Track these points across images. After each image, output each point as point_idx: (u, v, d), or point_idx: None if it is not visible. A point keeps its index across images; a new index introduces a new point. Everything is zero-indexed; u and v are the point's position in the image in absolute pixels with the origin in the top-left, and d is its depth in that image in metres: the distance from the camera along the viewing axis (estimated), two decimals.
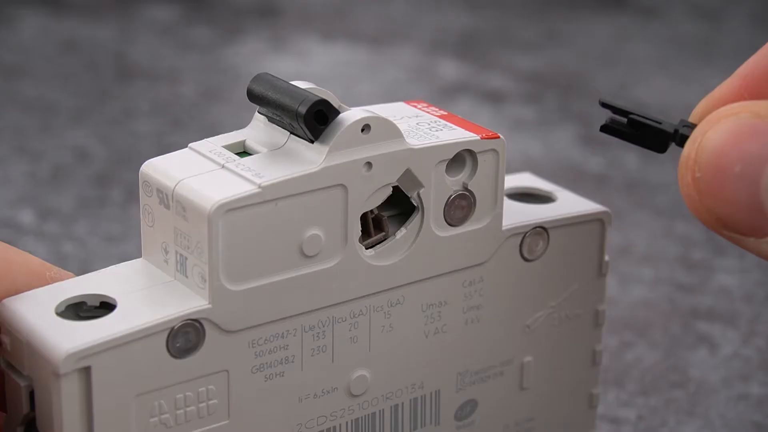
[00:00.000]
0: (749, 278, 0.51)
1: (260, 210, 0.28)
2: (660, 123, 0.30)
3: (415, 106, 0.33)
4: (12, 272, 0.29)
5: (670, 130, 0.29)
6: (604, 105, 0.30)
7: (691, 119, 0.30)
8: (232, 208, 0.28)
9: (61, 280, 0.30)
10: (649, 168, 0.61)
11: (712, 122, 0.27)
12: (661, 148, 0.29)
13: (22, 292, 0.29)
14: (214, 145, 0.30)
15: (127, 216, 0.56)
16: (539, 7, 0.88)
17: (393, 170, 0.30)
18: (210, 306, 0.28)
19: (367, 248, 0.30)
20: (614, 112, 0.30)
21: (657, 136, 0.29)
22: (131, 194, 0.58)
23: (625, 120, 0.30)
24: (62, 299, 0.29)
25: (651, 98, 0.72)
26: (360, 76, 0.75)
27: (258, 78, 0.30)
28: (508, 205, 0.33)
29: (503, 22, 0.85)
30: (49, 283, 0.30)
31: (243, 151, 0.30)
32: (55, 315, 0.28)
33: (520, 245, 0.33)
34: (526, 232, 0.33)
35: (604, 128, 0.31)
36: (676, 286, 0.50)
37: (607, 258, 0.35)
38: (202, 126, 0.67)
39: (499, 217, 0.32)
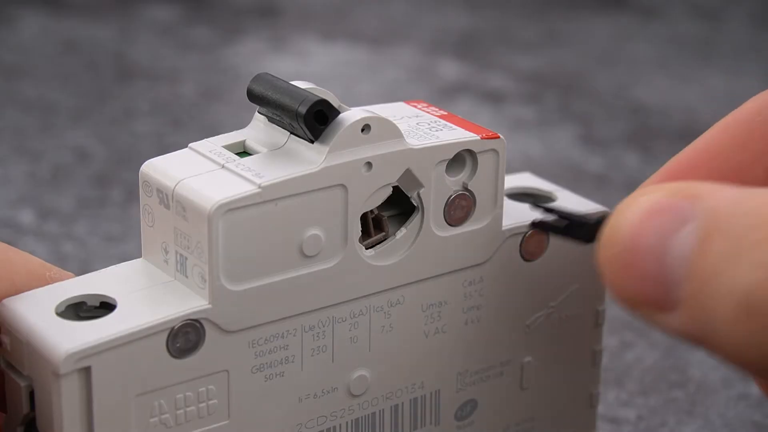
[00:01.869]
0: None
1: (260, 210, 0.28)
2: (584, 217, 0.31)
3: (415, 106, 0.33)
4: (12, 272, 0.29)
5: (593, 220, 0.30)
6: (535, 205, 0.32)
7: None
8: (232, 208, 0.28)
9: (61, 280, 0.30)
10: (649, 168, 0.61)
11: (628, 203, 0.27)
12: (589, 239, 0.30)
13: (22, 292, 0.29)
14: (214, 145, 0.30)
15: (127, 216, 0.56)
16: (539, 7, 0.88)
17: (393, 170, 0.30)
18: (210, 306, 0.28)
19: (367, 248, 0.30)
20: (544, 211, 0.32)
21: (582, 228, 0.31)
22: (131, 194, 0.58)
23: (555, 217, 0.31)
24: (62, 299, 0.29)
25: (651, 98, 0.72)
26: (360, 76, 0.75)
27: (258, 78, 0.30)
28: (508, 205, 0.33)
29: (503, 22, 0.85)
30: (49, 283, 0.30)
31: (243, 151, 0.30)
32: (55, 315, 0.28)
33: (520, 245, 0.33)
34: (526, 232, 0.33)
35: (536, 224, 0.32)
36: None
37: None
38: (202, 126, 0.67)
39: (499, 217, 0.32)
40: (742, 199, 0.26)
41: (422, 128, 0.31)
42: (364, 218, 0.30)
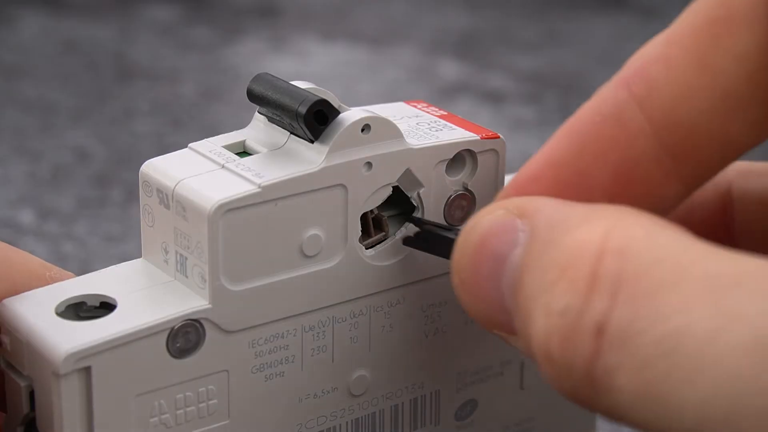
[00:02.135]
0: None
1: (260, 210, 0.28)
2: (444, 232, 0.30)
3: (415, 106, 0.33)
4: (12, 272, 0.29)
5: (451, 237, 0.29)
6: (411, 220, 0.31)
7: None
8: (232, 208, 0.28)
9: (61, 280, 0.30)
10: None
11: (472, 223, 0.26)
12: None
13: (22, 292, 0.29)
14: (214, 145, 0.30)
15: (127, 216, 0.56)
16: (539, 7, 0.88)
17: (393, 170, 0.30)
18: (210, 306, 0.28)
19: (367, 248, 0.30)
20: (416, 225, 0.31)
21: (442, 244, 0.30)
22: (131, 194, 0.58)
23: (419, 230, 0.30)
24: (62, 299, 0.29)
25: None
26: (360, 76, 0.75)
27: (258, 78, 0.30)
28: None
29: (503, 22, 0.85)
30: (49, 283, 0.30)
31: (243, 151, 0.30)
32: (55, 315, 0.28)
33: None
34: None
35: (406, 241, 0.31)
36: None
37: None
38: (202, 126, 0.67)
39: None
40: (557, 222, 0.24)
41: (422, 128, 0.31)
42: (364, 218, 0.30)
